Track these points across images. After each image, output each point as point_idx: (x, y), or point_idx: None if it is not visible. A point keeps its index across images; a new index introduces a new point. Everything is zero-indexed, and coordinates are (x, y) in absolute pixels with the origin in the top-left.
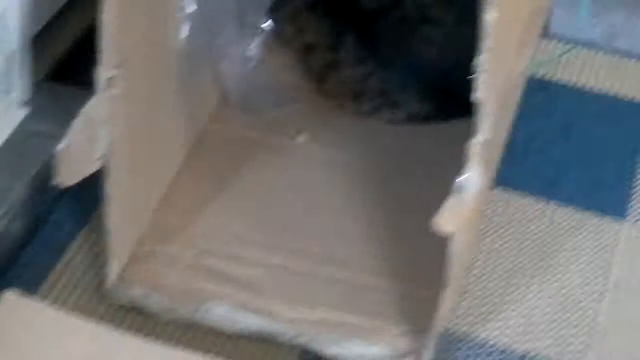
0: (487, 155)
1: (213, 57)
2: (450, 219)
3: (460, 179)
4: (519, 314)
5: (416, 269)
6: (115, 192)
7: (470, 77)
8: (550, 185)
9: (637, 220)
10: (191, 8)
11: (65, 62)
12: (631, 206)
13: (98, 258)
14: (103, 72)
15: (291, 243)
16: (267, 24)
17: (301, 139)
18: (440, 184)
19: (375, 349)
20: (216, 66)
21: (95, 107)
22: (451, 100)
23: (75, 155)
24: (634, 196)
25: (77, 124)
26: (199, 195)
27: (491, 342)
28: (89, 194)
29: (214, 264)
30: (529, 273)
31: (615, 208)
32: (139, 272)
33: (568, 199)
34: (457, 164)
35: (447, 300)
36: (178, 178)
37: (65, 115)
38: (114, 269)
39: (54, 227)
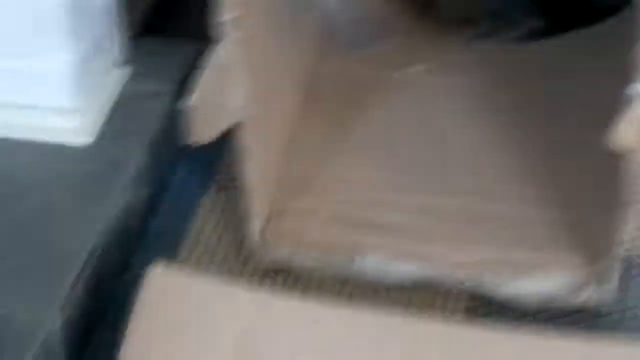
0: None
1: None
2: (628, 132)
3: (632, 88)
4: None
5: (581, 194)
6: (252, 145)
7: None
8: None
9: None
10: None
11: (152, 15)
12: None
13: (231, 220)
14: (227, 13)
15: (434, 183)
16: None
17: (416, 70)
18: (581, 100)
19: (551, 284)
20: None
21: (225, 53)
22: (569, 8)
23: (210, 108)
24: None
25: (208, 74)
26: (321, 143)
27: None
28: (208, 153)
29: (358, 213)
30: None
31: None
32: (281, 231)
33: None
34: (596, 77)
35: (628, 222)
36: (297, 127)
37: (168, 71)
38: (255, 230)
39: (180, 192)
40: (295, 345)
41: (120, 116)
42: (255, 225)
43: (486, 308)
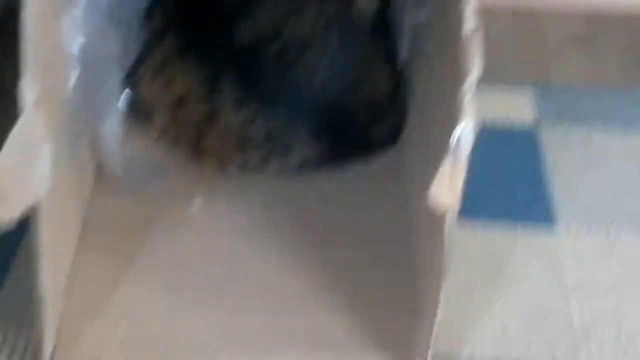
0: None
1: (91, 118)
2: (449, 187)
3: (455, 134)
4: (494, 327)
5: (377, 297)
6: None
7: (362, 105)
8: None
9: (568, 224)
10: (75, 48)
11: None
12: (557, 214)
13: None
14: (29, 90)
15: (232, 302)
16: (124, 95)
17: (195, 205)
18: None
19: None
20: (94, 130)
21: (30, 124)
22: (346, 136)
23: (12, 183)
24: (555, 204)
25: (10, 146)
26: (107, 272)
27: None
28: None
29: (150, 334)
30: (484, 291)
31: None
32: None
33: (491, 218)
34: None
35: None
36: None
37: None
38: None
39: None
40: None
41: None
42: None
43: None
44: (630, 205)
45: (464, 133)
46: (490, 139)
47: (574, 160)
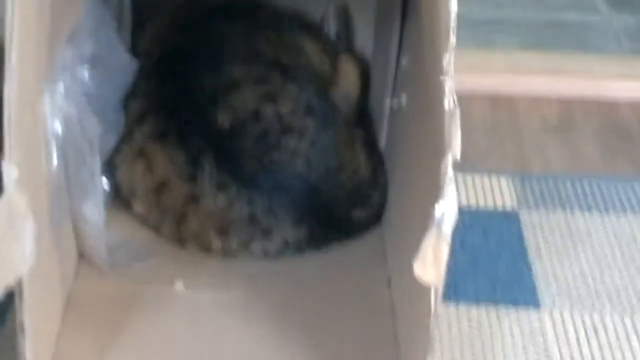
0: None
1: (73, 200)
2: (433, 261)
3: (436, 211)
4: None
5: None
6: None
7: (342, 188)
8: (454, 289)
9: (552, 304)
10: (57, 128)
11: None
12: (540, 296)
13: None
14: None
15: None
16: (103, 186)
17: (177, 287)
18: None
19: None
20: (76, 212)
21: (12, 202)
22: (327, 220)
23: None
24: (538, 286)
25: None
26: (90, 351)
27: None
28: None
29: None
30: None
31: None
32: None
33: (475, 299)
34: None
35: None
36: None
37: None
38: None
39: None
40: None
41: None
42: None
43: None
44: (612, 285)
45: (447, 208)
46: (473, 223)
47: (555, 242)
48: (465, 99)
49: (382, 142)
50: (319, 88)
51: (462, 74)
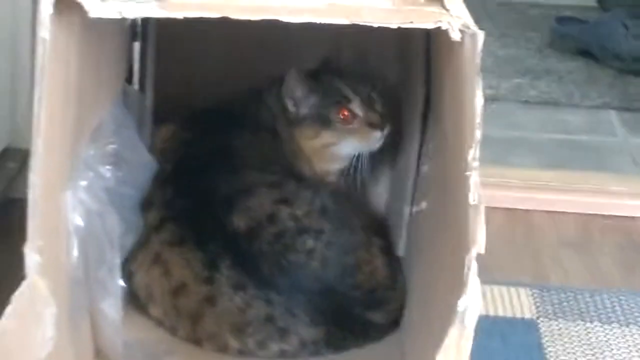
0: None
1: (92, 295)
2: (456, 356)
3: (460, 305)
4: None
5: None
6: None
7: (358, 290)
8: None
9: None
10: (78, 221)
11: None
12: None
13: None
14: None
15: None
16: (121, 283)
17: None
18: None
19: None
20: (94, 307)
21: (33, 288)
22: (344, 322)
23: (14, 345)
24: None
25: (14, 308)
26: None
27: None
28: None
29: None
30: None
31: None
32: None
33: None
34: None
35: None
36: None
37: None
38: None
39: None
40: None
41: None
42: None
43: None
44: None
45: (470, 302)
46: (493, 334)
47: (575, 354)
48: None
49: (401, 249)
50: (332, 193)
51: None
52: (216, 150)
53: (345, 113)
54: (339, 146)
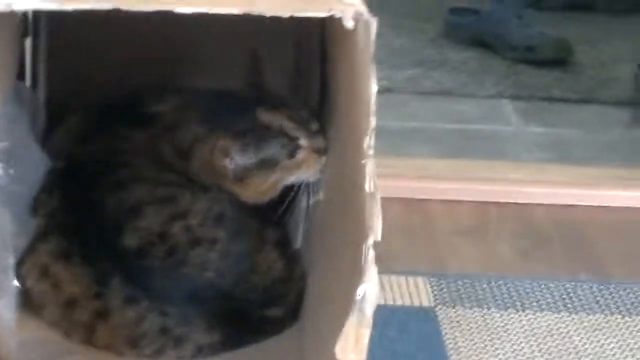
0: None
1: None
2: (355, 344)
3: (358, 293)
4: None
5: None
6: None
7: (254, 291)
8: None
9: None
10: None
11: None
12: None
13: None
14: None
15: None
16: (14, 283)
17: None
18: None
19: None
20: None
21: None
22: (241, 323)
23: None
24: None
25: None
26: None
27: None
28: None
29: None
30: None
31: None
32: None
33: None
34: None
35: None
36: None
37: None
38: None
39: None
40: None
41: None
42: None
43: None
44: None
45: (369, 289)
46: (391, 323)
47: (473, 340)
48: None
49: (299, 241)
50: (231, 197)
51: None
52: (106, 155)
53: (293, 153)
54: (285, 180)
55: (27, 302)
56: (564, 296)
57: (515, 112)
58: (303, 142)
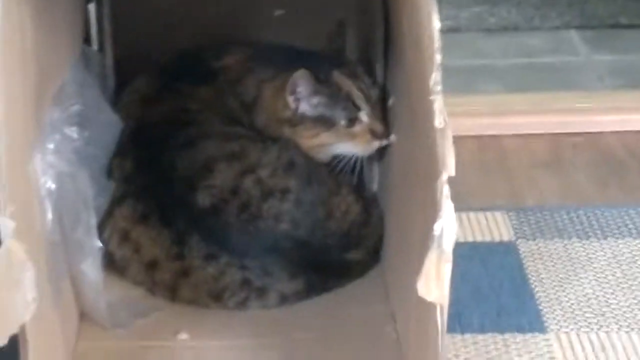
0: None
1: (70, 258)
2: (436, 279)
3: (435, 229)
4: None
5: None
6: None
7: (333, 237)
8: (458, 321)
9: (558, 329)
10: (49, 184)
11: None
12: (545, 320)
13: None
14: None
15: None
16: (98, 244)
17: (179, 340)
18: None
19: None
20: (74, 269)
21: (11, 252)
22: (322, 270)
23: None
24: (543, 311)
25: None
26: None
27: None
28: None
29: None
30: None
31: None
32: None
33: (481, 329)
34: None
35: None
36: None
37: None
38: None
39: None
40: None
41: None
42: None
43: None
44: (616, 304)
45: (446, 224)
46: (472, 256)
47: (556, 271)
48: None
49: (375, 184)
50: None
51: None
52: (174, 114)
53: (351, 119)
54: (335, 147)
55: (110, 264)
56: None
57: (583, 42)
58: (364, 117)
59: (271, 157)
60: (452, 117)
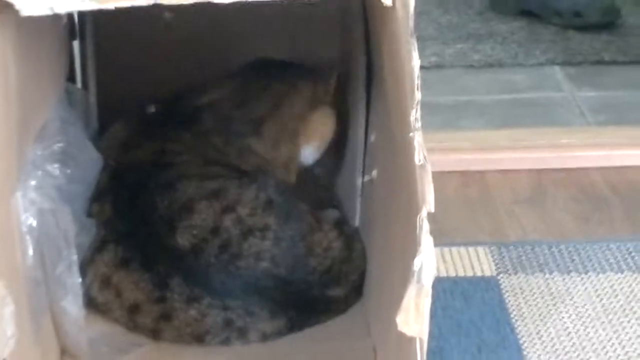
0: None
1: (51, 294)
2: (416, 314)
3: (415, 264)
4: None
5: None
6: None
7: (314, 273)
8: (440, 355)
9: None
10: (31, 221)
11: None
12: (526, 355)
13: None
14: None
15: None
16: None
17: None
18: None
19: None
20: (55, 306)
21: None
22: (304, 307)
23: None
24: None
25: None
26: None
27: None
28: None
29: None
30: None
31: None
32: None
33: None
34: None
35: None
36: None
37: None
38: None
39: None
40: None
41: None
42: None
43: None
44: (596, 338)
45: (426, 259)
46: (455, 293)
47: (537, 306)
48: (435, 177)
49: (357, 220)
50: (277, 183)
51: (430, 154)
52: (152, 156)
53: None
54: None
55: (92, 305)
56: (625, 256)
57: (566, 78)
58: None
59: (250, 195)
60: (436, 153)
